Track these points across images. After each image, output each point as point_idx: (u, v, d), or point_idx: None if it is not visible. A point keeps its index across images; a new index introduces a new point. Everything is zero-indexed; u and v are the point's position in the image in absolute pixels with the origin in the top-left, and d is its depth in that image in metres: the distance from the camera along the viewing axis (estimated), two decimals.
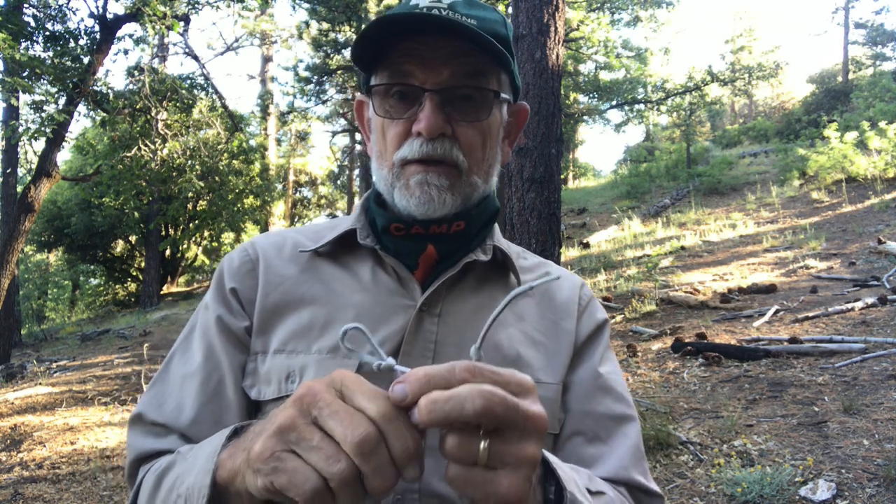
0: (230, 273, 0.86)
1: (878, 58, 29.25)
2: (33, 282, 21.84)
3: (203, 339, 0.83)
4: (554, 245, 4.68)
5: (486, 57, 0.78)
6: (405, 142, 0.79)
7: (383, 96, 0.80)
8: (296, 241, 0.90)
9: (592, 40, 14.60)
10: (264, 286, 0.83)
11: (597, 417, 0.82)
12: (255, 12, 14.84)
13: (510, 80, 0.85)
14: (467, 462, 0.48)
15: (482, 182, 0.84)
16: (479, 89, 0.79)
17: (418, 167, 0.78)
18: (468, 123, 0.79)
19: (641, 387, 5.26)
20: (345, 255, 0.87)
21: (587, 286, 0.97)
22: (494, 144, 0.85)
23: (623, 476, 0.79)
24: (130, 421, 0.82)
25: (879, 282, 7.47)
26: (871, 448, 3.50)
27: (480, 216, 0.86)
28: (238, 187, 15.52)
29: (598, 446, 0.81)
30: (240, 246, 0.91)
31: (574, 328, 0.88)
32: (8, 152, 11.23)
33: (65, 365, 9.60)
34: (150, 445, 0.78)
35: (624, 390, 0.88)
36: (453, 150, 0.78)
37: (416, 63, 0.77)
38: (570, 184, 26.76)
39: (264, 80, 23.82)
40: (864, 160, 13.88)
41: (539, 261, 0.98)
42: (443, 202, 0.78)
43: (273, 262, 0.86)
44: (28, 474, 4.50)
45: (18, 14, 8.39)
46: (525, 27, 4.72)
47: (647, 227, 14.70)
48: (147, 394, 0.83)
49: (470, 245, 0.85)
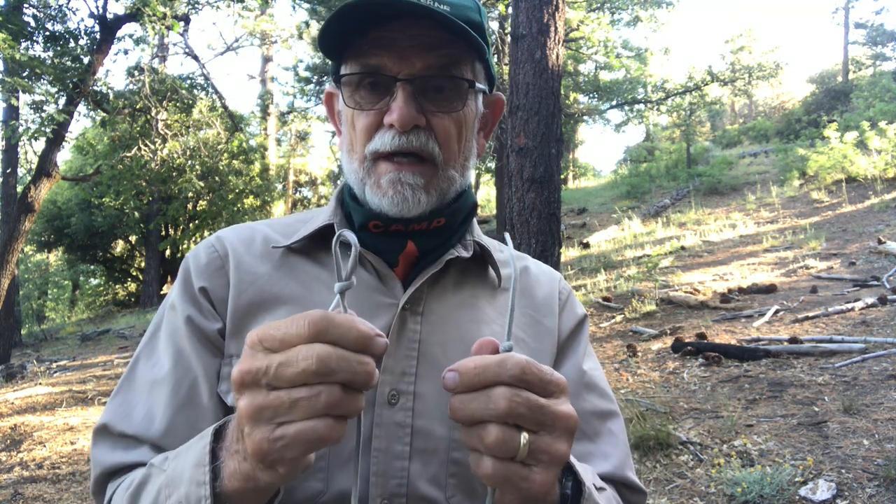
0: (198, 271, 0.80)
1: (878, 58, 29.26)
2: (33, 282, 21.84)
3: (171, 341, 0.77)
4: (554, 245, 4.67)
5: (461, 45, 0.74)
6: (376, 134, 0.75)
7: (354, 87, 0.76)
8: (266, 235, 0.85)
9: (592, 40, 14.59)
10: (236, 285, 0.79)
11: (583, 415, 0.81)
12: (255, 12, 14.83)
13: (485, 70, 0.82)
14: (505, 456, 0.50)
15: (458, 175, 0.80)
16: (454, 79, 0.76)
17: (390, 165, 0.75)
18: (443, 114, 0.76)
19: (641, 387, 5.26)
20: (320, 250, 0.83)
21: (564, 280, 0.95)
22: (470, 136, 0.82)
23: (618, 475, 0.78)
24: (95, 432, 0.76)
25: (879, 282, 7.47)
26: (871, 448, 3.50)
27: (460, 211, 0.83)
28: (238, 187, 15.52)
29: (584, 444, 0.80)
30: (205, 241, 0.85)
31: (556, 325, 0.87)
32: (8, 152, 11.23)
33: (65, 365, 9.60)
34: (118, 459, 0.72)
35: (606, 386, 0.87)
36: (429, 143, 0.75)
37: (387, 51, 0.73)
38: (570, 184, 26.76)
39: (264, 80, 23.83)
40: (864, 160, 13.88)
41: (517, 254, 0.95)
42: (417, 201, 0.75)
43: (244, 258, 0.81)
44: (28, 474, 4.50)
45: (18, 14, 8.39)
46: (525, 27, 4.72)
47: (647, 227, 14.69)
48: (112, 402, 0.77)
49: (451, 241, 0.83)
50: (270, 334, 0.49)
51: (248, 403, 0.48)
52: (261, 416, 0.48)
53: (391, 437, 0.72)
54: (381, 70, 0.74)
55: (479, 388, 0.51)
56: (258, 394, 0.48)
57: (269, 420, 0.47)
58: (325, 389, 0.47)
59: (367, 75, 0.75)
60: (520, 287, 0.88)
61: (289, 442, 0.47)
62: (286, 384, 0.47)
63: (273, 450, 0.47)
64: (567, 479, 0.62)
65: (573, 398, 0.82)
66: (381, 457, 0.72)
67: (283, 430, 0.47)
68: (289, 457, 0.48)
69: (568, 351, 0.87)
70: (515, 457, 0.50)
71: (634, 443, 3.88)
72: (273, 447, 0.47)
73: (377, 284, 0.80)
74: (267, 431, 0.47)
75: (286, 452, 0.47)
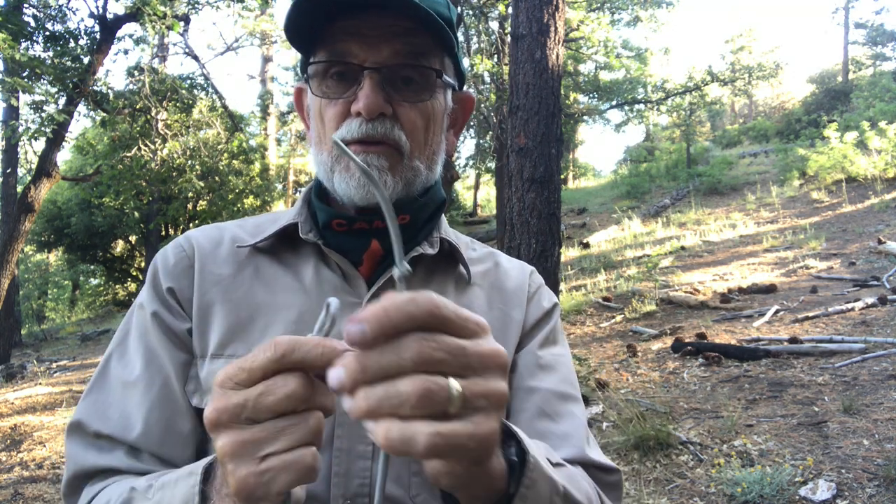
0: (165, 272, 0.80)
1: (878, 58, 29.26)
2: (33, 282, 21.84)
3: (141, 341, 0.77)
4: (554, 245, 4.67)
5: (429, 37, 0.74)
6: (343, 123, 0.75)
7: (321, 77, 0.76)
8: (234, 235, 0.85)
9: (592, 40, 14.58)
10: (200, 285, 0.79)
11: (542, 393, 0.80)
12: (255, 12, 14.83)
13: (454, 66, 0.82)
14: (437, 411, 0.41)
15: (425, 168, 0.79)
16: (422, 68, 0.75)
17: (357, 147, 0.74)
18: (410, 104, 0.75)
19: (641, 387, 5.26)
20: (286, 251, 0.83)
21: (537, 273, 0.95)
22: (438, 131, 0.81)
23: (580, 456, 0.75)
24: (69, 429, 0.75)
25: (879, 282, 7.47)
26: (871, 448, 3.50)
27: (425, 207, 0.83)
28: (238, 187, 15.50)
29: (545, 422, 0.78)
30: (174, 241, 0.85)
31: (522, 317, 0.86)
32: (8, 152, 11.24)
33: (65, 365, 9.60)
34: (93, 461, 0.72)
35: (570, 374, 0.85)
36: (394, 130, 0.74)
37: (354, 41, 0.73)
38: (570, 184, 26.74)
39: (264, 80, 23.81)
40: (864, 160, 13.88)
41: (488, 251, 0.95)
42: (383, 184, 0.74)
43: (208, 258, 0.81)
44: (28, 474, 4.49)
45: (18, 14, 8.39)
46: (525, 27, 4.72)
47: (647, 227, 14.70)
48: (85, 400, 0.76)
49: (416, 238, 0.82)
50: (238, 368, 0.46)
51: (230, 440, 0.45)
52: (245, 452, 0.45)
53: (353, 437, 0.72)
54: (348, 56, 0.73)
55: (391, 336, 0.42)
56: (238, 430, 0.45)
57: (252, 454, 0.45)
58: (311, 415, 0.45)
59: (334, 63, 0.75)
60: (491, 281, 0.88)
61: (276, 474, 0.44)
62: (269, 414, 0.45)
63: (260, 484, 0.45)
64: (510, 445, 0.57)
65: (528, 378, 0.81)
66: (344, 457, 0.71)
67: (269, 463, 0.44)
68: (275, 491, 0.45)
69: (527, 338, 0.86)
70: (449, 409, 0.41)
71: (634, 443, 3.88)
72: (259, 481, 0.44)
73: (342, 284, 0.79)
74: (252, 465, 0.45)
75: (273, 486, 0.45)
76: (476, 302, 0.85)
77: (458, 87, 0.85)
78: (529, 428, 0.76)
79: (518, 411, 0.79)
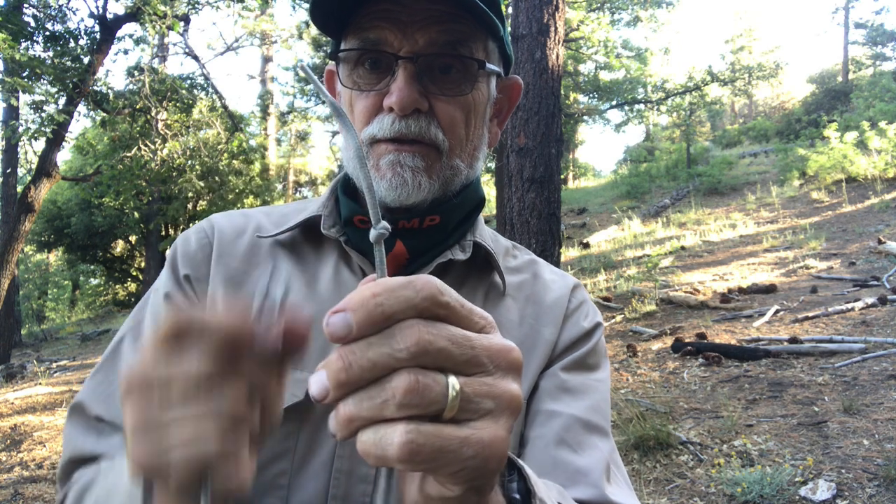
0: (185, 258, 0.76)
1: (878, 58, 29.28)
2: (33, 282, 21.84)
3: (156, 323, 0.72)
4: (554, 245, 4.68)
5: (471, 21, 0.67)
6: (375, 118, 0.68)
7: (352, 65, 0.70)
8: (259, 224, 0.79)
9: (592, 40, 14.59)
10: (214, 276, 0.74)
11: (563, 419, 0.70)
12: (255, 12, 14.83)
13: (499, 50, 0.74)
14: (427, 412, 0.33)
15: (465, 166, 0.72)
16: (462, 58, 0.68)
17: (389, 146, 0.67)
18: (448, 98, 0.68)
19: (641, 387, 5.26)
20: (307, 246, 0.77)
21: (582, 289, 0.84)
22: (480, 124, 0.74)
23: (598, 497, 0.65)
24: (70, 409, 0.71)
25: (879, 282, 7.47)
26: (871, 448, 3.50)
27: (460, 208, 0.75)
28: (238, 187, 15.51)
29: (563, 451, 0.67)
30: (197, 225, 0.80)
31: (555, 337, 0.76)
32: (8, 152, 11.24)
33: (65, 365, 9.60)
34: (89, 447, 0.67)
35: (603, 403, 0.75)
36: (430, 128, 0.67)
37: (389, 27, 0.66)
38: (570, 184, 26.75)
39: (264, 80, 23.83)
40: (864, 160, 13.89)
41: (530, 259, 0.86)
42: (417, 185, 0.67)
43: (227, 249, 0.76)
44: (28, 474, 4.49)
45: (18, 14, 8.39)
46: (525, 27, 4.72)
47: (647, 227, 14.70)
48: (91, 381, 0.72)
49: (447, 241, 0.74)
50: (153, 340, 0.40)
51: (134, 410, 0.39)
52: (146, 426, 0.38)
53: (355, 459, 0.66)
54: (380, 44, 0.67)
55: (381, 325, 0.34)
56: (146, 407, 0.38)
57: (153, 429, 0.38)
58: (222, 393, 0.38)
59: (366, 52, 0.68)
60: (527, 294, 0.79)
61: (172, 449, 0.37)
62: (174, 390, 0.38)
63: (154, 459, 0.38)
64: (511, 479, 0.49)
65: (549, 401, 0.71)
66: (343, 479, 0.66)
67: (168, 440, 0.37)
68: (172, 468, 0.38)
69: (558, 359, 0.76)
70: (444, 411, 0.34)
71: (634, 443, 3.88)
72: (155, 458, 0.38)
73: None
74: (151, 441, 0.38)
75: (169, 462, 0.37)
76: (507, 316, 0.76)
77: (503, 74, 0.77)
78: (544, 456, 0.68)
79: (534, 437, 0.70)
